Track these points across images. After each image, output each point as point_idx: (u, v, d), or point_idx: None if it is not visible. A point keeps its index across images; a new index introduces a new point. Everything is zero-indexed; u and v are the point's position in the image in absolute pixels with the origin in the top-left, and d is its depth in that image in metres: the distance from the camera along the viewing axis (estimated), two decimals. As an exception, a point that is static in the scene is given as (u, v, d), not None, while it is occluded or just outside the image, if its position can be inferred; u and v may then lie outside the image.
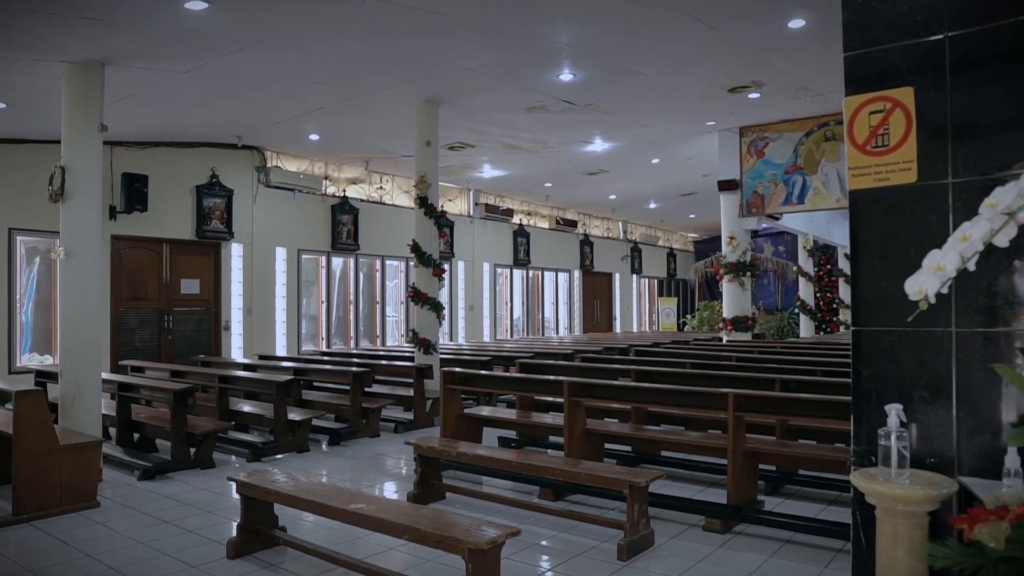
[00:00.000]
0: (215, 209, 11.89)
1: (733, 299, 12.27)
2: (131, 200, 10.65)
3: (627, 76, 8.58)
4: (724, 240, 12.30)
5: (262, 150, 12.55)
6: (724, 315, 12.49)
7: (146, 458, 6.82)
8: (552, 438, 7.27)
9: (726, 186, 12.24)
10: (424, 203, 9.63)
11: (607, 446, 6.40)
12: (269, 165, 12.66)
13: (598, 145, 12.35)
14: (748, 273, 12.19)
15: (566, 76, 8.49)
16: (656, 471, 4.50)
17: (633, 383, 6.19)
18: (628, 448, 6.66)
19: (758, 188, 12.16)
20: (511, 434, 7.61)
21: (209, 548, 4.71)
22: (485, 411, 7.19)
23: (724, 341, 12.39)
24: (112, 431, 7.67)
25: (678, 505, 5.21)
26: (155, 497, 6.00)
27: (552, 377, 6.31)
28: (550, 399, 7.04)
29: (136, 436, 7.65)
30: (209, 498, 5.90)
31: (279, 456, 7.45)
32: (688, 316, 24.25)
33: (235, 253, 12.32)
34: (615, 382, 6.10)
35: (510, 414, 7.17)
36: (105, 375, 8.06)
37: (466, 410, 6.98)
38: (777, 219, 13.23)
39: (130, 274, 11.06)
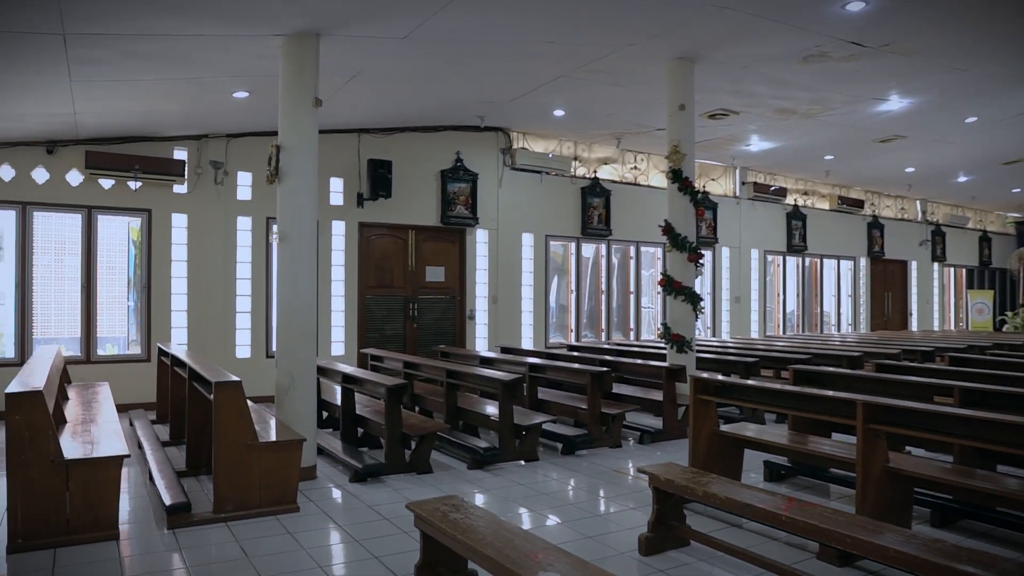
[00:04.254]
0: (460, 194, 11.47)
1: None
2: (376, 186, 10.52)
3: (942, -4, 6.53)
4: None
5: (507, 131, 11.92)
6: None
7: (360, 457, 6.29)
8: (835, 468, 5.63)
9: (1079, 145, 9.35)
10: (678, 177, 8.24)
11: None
12: (515, 147, 12.00)
13: (894, 103, 10.06)
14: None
15: (855, 5, 6.63)
16: None
17: (961, 411, 4.38)
18: (945, 495, 4.83)
19: None
20: (782, 458, 6.06)
21: (387, 588, 3.88)
22: (746, 429, 5.72)
23: (1074, 347, 9.52)
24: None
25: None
26: (357, 505, 5.37)
27: (839, 394, 4.70)
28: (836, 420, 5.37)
29: (360, 431, 7.23)
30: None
31: (502, 465, 6.59)
32: (1009, 313, 20.10)
33: (480, 239, 11.84)
34: (933, 407, 4.34)
35: (778, 434, 5.64)
36: (333, 365, 7.78)
37: (723, 427, 5.59)
38: None
39: (377, 261, 10.97)
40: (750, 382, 5.52)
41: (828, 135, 11.91)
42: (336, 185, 10.58)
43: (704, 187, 14.39)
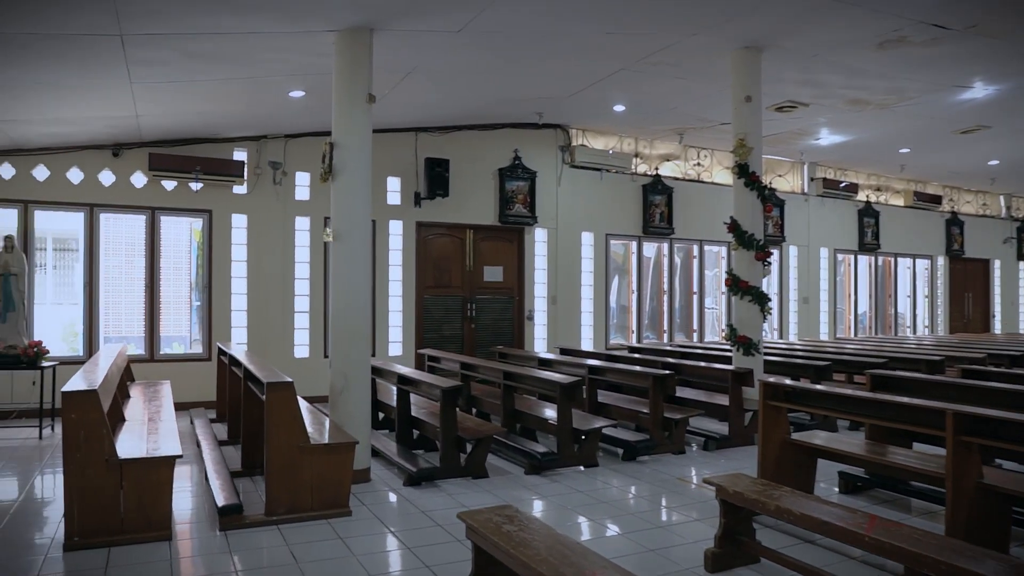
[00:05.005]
0: (518, 193, 11.29)
1: None
2: (433, 185, 10.42)
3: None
4: None
5: (566, 128, 11.69)
6: None
7: (414, 460, 6.14)
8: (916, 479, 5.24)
9: None
10: (744, 171, 7.89)
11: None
12: (574, 144, 11.76)
13: (978, 90, 9.46)
14: None
15: (940, -16, 6.22)
16: None
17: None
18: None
19: None
20: (858, 469, 5.69)
21: (438, 601, 3.71)
22: (816, 437, 5.37)
23: None
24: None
25: None
26: (411, 511, 5.23)
27: (926, 402, 4.34)
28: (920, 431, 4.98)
29: (416, 432, 7.10)
30: (467, 520, 4.97)
31: (560, 470, 6.37)
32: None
33: (539, 239, 11.64)
34: (1034, 416, 3.95)
35: (854, 443, 5.28)
36: (389, 365, 7.68)
37: (794, 435, 5.26)
38: None
39: (434, 260, 10.87)
40: (826, 388, 5.17)
41: (904, 127, 11.32)
42: (393, 184, 10.53)
43: (771, 183, 13.89)
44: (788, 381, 5.42)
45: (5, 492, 5.73)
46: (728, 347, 8.42)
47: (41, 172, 8.87)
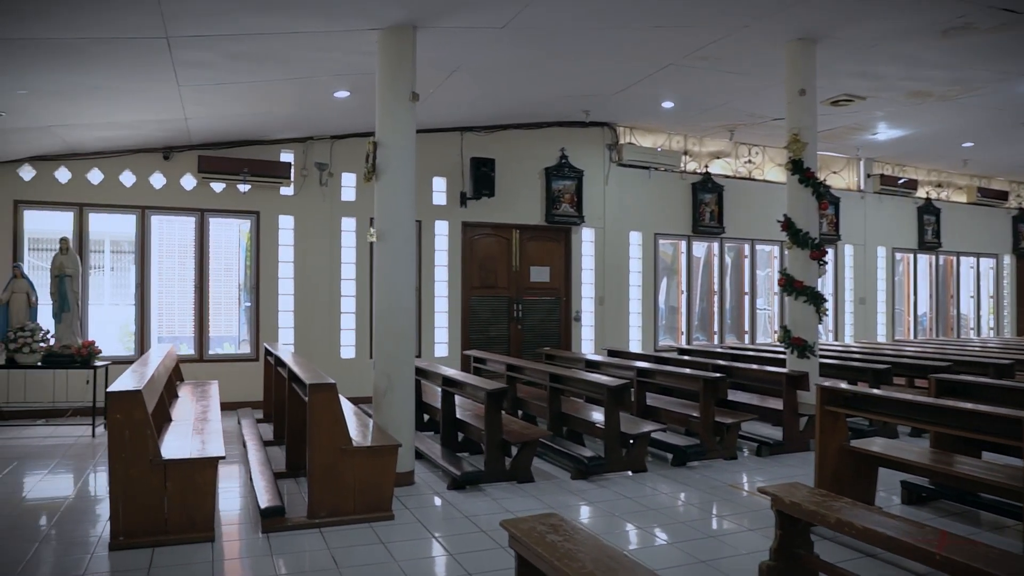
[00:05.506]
0: (564, 192, 11.14)
1: None
2: (479, 185, 10.33)
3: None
4: None
5: (613, 126, 11.50)
6: None
7: (458, 463, 6.04)
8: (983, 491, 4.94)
9: None
10: (798, 168, 7.62)
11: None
12: (621, 142, 11.56)
13: (1051, 79, 9.02)
14: None
15: (1010, -33, 5.90)
16: None
17: None
18: None
19: None
20: (922, 478, 5.41)
21: (480, 611, 3.59)
22: (874, 444, 5.11)
23: None
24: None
25: None
26: (454, 515, 5.13)
27: (999, 409, 4.07)
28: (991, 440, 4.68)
29: (461, 435, 7.01)
30: (511, 526, 4.84)
31: (608, 475, 6.21)
32: None
33: (586, 238, 11.47)
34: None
35: (917, 451, 5.01)
36: (434, 367, 7.61)
37: (853, 442, 5.02)
38: None
39: (480, 261, 10.78)
40: (889, 393, 4.92)
41: (968, 119, 10.86)
42: (439, 184, 10.48)
43: (825, 179, 13.45)
44: (844, 385, 5.18)
45: (58, 489, 5.81)
46: (781, 349, 8.15)
47: (95, 176, 9.04)
